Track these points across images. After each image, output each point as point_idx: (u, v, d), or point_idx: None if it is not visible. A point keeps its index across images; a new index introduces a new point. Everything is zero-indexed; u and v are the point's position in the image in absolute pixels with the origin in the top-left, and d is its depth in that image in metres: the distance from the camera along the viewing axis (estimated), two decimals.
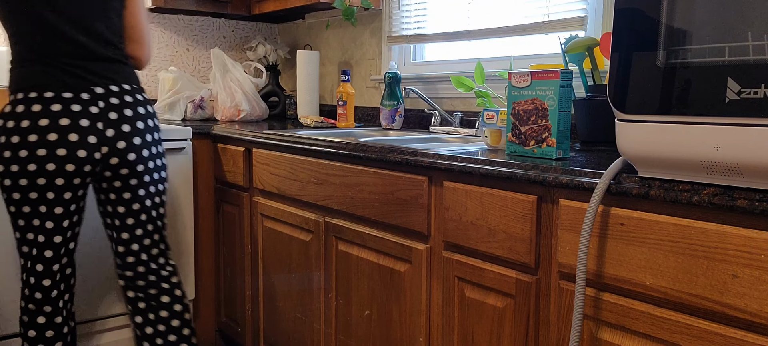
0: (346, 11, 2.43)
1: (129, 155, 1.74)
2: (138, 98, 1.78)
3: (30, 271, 1.77)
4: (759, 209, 0.90)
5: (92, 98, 1.69)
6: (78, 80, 1.69)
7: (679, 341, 1.02)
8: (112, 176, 1.75)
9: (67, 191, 1.71)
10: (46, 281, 1.77)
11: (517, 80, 1.39)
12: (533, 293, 1.27)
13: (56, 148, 1.65)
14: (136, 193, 1.79)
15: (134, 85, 1.79)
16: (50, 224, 1.73)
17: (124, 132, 1.72)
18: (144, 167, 1.78)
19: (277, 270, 2.09)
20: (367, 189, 1.66)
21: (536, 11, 2.02)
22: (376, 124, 2.58)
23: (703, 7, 0.93)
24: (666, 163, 1.01)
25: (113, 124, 1.71)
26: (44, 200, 1.70)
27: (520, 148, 1.39)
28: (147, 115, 1.79)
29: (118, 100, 1.73)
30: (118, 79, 1.75)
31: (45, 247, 1.75)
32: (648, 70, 1.00)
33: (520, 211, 1.27)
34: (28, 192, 1.69)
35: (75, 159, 1.67)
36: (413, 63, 2.56)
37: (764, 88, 0.86)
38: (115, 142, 1.72)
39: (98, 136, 1.69)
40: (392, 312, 1.62)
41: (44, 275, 1.77)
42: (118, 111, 1.72)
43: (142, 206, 1.81)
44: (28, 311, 1.79)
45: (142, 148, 1.77)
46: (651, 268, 1.05)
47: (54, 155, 1.65)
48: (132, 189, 1.78)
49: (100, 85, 1.71)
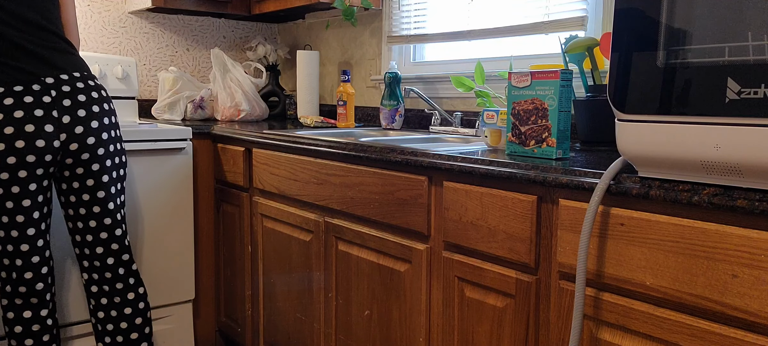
0: (346, 11, 2.43)
1: (88, 139, 1.76)
2: (89, 84, 1.79)
3: (10, 267, 1.78)
4: (759, 209, 0.90)
5: (43, 88, 1.71)
6: (26, 74, 1.70)
7: (679, 341, 1.02)
8: (74, 163, 1.76)
9: (31, 182, 1.73)
10: (27, 274, 1.80)
11: (517, 80, 1.39)
12: (533, 293, 1.27)
13: (14, 140, 1.67)
14: (100, 179, 1.80)
15: (84, 72, 1.80)
16: (21, 218, 1.75)
17: (80, 116, 1.74)
18: (104, 151, 1.80)
19: (277, 270, 2.09)
20: (367, 189, 1.66)
21: (536, 11, 2.02)
22: (376, 124, 2.58)
23: (703, 7, 0.93)
24: (666, 163, 1.01)
25: (68, 110, 1.73)
26: (10, 195, 1.71)
27: (520, 148, 1.39)
28: (101, 99, 1.80)
29: (70, 87, 1.74)
30: (68, 67, 1.77)
31: (20, 241, 1.77)
32: (648, 70, 1.00)
33: (520, 211, 1.27)
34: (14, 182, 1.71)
35: (34, 149, 1.69)
36: (413, 63, 2.56)
37: (764, 88, 0.86)
38: (73, 128, 1.74)
39: (54, 124, 1.71)
40: (392, 312, 1.62)
41: (25, 269, 1.79)
42: (71, 97, 1.73)
43: (107, 194, 1.82)
44: (14, 306, 1.81)
45: (101, 132, 1.78)
46: (651, 268, 1.05)
47: (13, 148, 1.67)
48: (95, 175, 1.80)
49: (50, 75, 1.73)
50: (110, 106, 1.84)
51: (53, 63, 1.74)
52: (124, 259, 1.92)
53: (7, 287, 1.81)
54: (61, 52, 1.78)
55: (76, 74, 1.77)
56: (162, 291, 2.31)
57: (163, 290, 2.31)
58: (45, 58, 1.74)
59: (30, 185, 1.73)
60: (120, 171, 1.88)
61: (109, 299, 1.92)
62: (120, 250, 1.91)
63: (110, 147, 1.81)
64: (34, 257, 1.80)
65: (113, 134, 1.82)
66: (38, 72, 1.71)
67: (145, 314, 1.98)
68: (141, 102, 2.86)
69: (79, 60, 1.82)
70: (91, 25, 2.73)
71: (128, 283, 1.94)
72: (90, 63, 2.56)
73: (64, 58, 1.78)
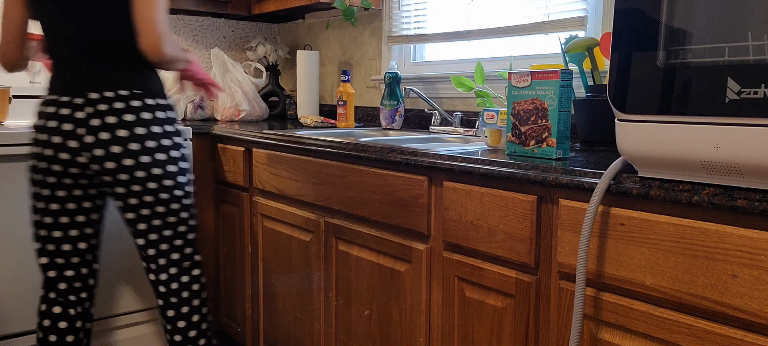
0: (346, 11, 2.43)
1: (106, 163, 1.69)
2: (131, 105, 1.69)
3: (41, 264, 1.84)
4: (759, 209, 0.90)
5: (83, 103, 1.68)
6: (74, 86, 1.68)
7: (679, 341, 1.02)
8: (114, 182, 1.72)
9: (59, 189, 1.74)
10: (51, 272, 1.83)
11: (517, 80, 1.39)
12: (533, 293, 1.27)
13: (45, 148, 1.70)
14: (142, 199, 1.74)
15: (136, 89, 1.71)
16: (49, 219, 1.77)
17: (102, 139, 1.67)
18: (128, 176, 1.70)
19: (277, 270, 2.09)
20: (367, 189, 1.66)
21: (536, 11, 2.02)
22: (376, 124, 2.57)
23: (703, 7, 0.93)
24: (666, 163, 1.01)
25: (93, 130, 1.67)
26: (41, 197, 1.76)
27: (520, 148, 1.39)
28: (135, 122, 1.70)
29: (106, 106, 1.67)
30: (117, 85, 1.69)
31: (46, 241, 1.80)
32: (648, 70, 1.00)
33: (520, 211, 1.27)
34: (32, 185, 1.77)
35: (58, 160, 1.70)
36: (413, 63, 2.56)
37: (764, 88, 0.86)
38: (92, 149, 1.68)
39: (79, 142, 1.68)
40: (392, 312, 1.62)
41: (49, 268, 1.83)
42: (101, 118, 1.67)
43: (136, 216, 1.77)
44: (46, 299, 1.85)
45: (121, 157, 1.69)
46: (651, 268, 1.05)
47: (42, 155, 1.71)
48: (137, 195, 1.74)
49: (95, 90, 1.68)
50: (155, 129, 1.72)
51: (101, 79, 1.69)
52: (151, 279, 1.86)
53: (42, 281, 1.86)
54: (118, 67, 1.70)
55: (123, 93, 1.69)
56: None
57: None
58: (94, 74, 1.69)
59: (57, 191, 1.74)
60: (169, 193, 1.77)
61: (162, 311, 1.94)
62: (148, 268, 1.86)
63: (137, 173, 1.71)
64: (59, 258, 1.82)
65: (143, 160, 1.71)
66: (83, 87, 1.68)
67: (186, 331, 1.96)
68: None
69: (136, 77, 1.72)
70: None
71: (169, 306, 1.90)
72: None
73: (120, 74, 1.70)
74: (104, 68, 1.70)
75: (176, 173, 1.77)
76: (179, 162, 1.78)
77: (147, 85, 1.74)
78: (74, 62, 1.70)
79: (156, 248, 1.81)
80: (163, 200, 1.76)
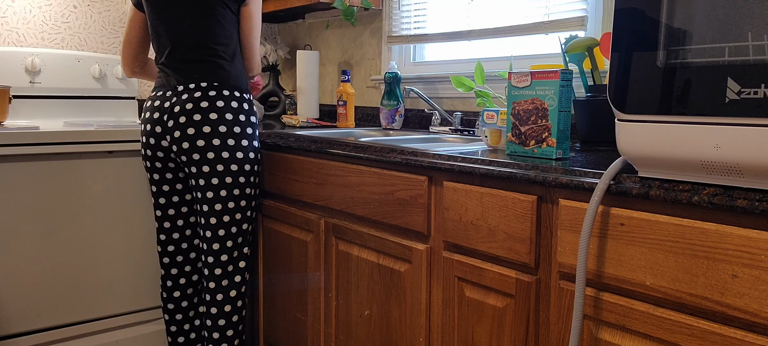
0: (346, 11, 2.43)
1: (183, 143, 1.87)
2: (209, 95, 1.87)
3: (159, 242, 2.08)
4: (759, 209, 0.90)
5: (171, 95, 1.90)
6: (172, 82, 1.91)
7: (679, 341, 1.02)
8: (188, 161, 1.89)
9: (155, 173, 2.00)
10: (157, 247, 2.08)
11: (517, 80, 1.39)
12: (533, 293, 1.27)
13: (144, 136, 1.97)
14: (209, 180, 1.89)
15: (216, 82, 1.89)
16: (152, 200, 2.06)
17: (180, 123, 1.86)
18: (200, 157, 1.87)
19: (277, 270, 2.09)
20: (367, 189, 1.66)
21: (536, 11, 2.02)
22: (376, 124, 2.58)
23: (703, 7, 0.93)
24: (666, 163, 1.01)
25: (173, 116, 1.87)
26: (150, 180, 2.03)
27: (520, 148, 1.39)
28: (212, 108, 1.87)
29: (187, 95, 1.87)
30: (200, 78, 1.89)
31: (156, 220, 2.06)
32: (648, 70, 1.00)
33: (520, 211, 1.27)
34: (145, 169, 2.07)
35: (150, 146, 1.95)
36: (413, 63, 2.56)
37: (764, 88, 0.86)
38: (173, 132, 1.88)
39: (163, 127, 1.90)
40: (392, 312, 1.62)
41: (157, 243, 2.08)
42: (181, 105, 1.86)
43: (202, 196, 1.91)
44: (162, 276, 2.10)
45: (195, 139, 1.86)
46: (651, 268, 1.05)
47: (144, 141, 1.97)
48: (204, 176, 1.89)
49: (183, 83, 1.89)
50: (230, 118, 1.89)
51: (189, 73, 1.90)
52: (209, 261, 1.95)
53: (164, 259, 2.08)
54: (204, 63, 1.90)
55: (203, 84, 1.88)
56: None
57: None
58: (185, 70, 1.90)
59: (154, 174, 2.00)
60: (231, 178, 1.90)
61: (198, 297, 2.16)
62: (208, 251, 1.95)
63: (208, 154, 1.87)
64: (161, 235, 2.05)
65: (215, 143, 1.87)
66: (175, 81, 1.90)
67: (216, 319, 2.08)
68: (141, 102, 2.86)
69: (220, 71, 1.91)
70: (91, 25, 2.73)
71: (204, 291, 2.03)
72: (89, 63, 2.56)
73: (205, 68, 1.90)
74: (192, 65, 1.90)
75: (242, 161, 1.92)
76: (248, 152, 1.94)
77: (227, 79, 1.92)
78: (173, 63, 1.92)
79: (213, 232, 1.93)
80: (228, 184, 1.90)
